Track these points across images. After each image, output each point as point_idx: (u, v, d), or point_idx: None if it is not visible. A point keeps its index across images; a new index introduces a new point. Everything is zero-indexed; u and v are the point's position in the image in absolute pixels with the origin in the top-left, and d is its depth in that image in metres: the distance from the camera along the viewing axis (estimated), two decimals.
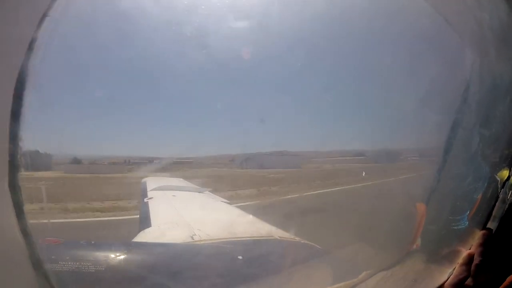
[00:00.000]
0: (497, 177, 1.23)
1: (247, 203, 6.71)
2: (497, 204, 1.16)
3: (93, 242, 1.90)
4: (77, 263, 1.57)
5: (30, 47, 0.68)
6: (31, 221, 0.75)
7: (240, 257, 1.98)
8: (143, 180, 5.14)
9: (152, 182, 4.77)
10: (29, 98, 0.70)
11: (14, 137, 0.70)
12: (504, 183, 1.18)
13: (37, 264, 0.76)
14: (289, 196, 8.23)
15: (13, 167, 0.70)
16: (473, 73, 1.34)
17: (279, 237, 2.42)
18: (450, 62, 1.54)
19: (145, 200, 3.58)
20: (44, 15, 0.68)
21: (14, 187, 0.70)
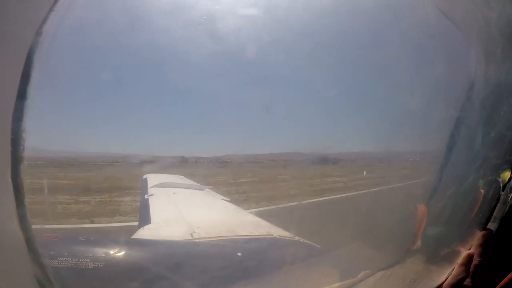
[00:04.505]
0: (499, 178, 1.22)
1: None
2: (498, 205, 1.15)
3: (92, 238, 1.90)
4: (76, 259, 1.57)
5: (36, 41, 0.68)
6: (33, 219, 0.75)
7: (239, 255, 1.98)
8: (144, 176, 5.15)
9: (153, 179, 4.77)
10: (34, 92, 0.70)
11: (16, 132, 0.70)
12: (505, 185, 1.17)
13: (35, 258, 0.76)
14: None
15: (16, 162, 0.70)
16: (477, 73, 1.33)
17: (278, 235, 2.42)
18: (454, 62, 1.53)
19: (146, 196, 3.58)
20: (50, 10, 0.68)
21: (16, 181, 0.70)
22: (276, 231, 2.52)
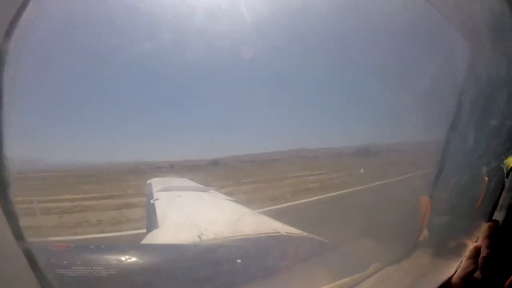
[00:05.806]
0: (502, 165, 1.21)
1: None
2: (503, 193, 1.15)
3: (102, 246, 1.92)
4: (88, 268, 1.59)
5: (3, 55, 0.65)
6: (29, 236, 0.74)
7: (247, 255, 2.00)
8: (149, 181, 5.17)
9: (157, 183, 4.80)
10: (7, 107, 0.68)
11: None
12: (509, 171, 1.17)
13: (37, 271, 0.75)
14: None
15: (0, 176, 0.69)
16: (471, 62, 1.32)
17: (286, 232, 2.43)
18: (447, 53, 1.52)
19: (151, 201, 3.60)
20: (13, 26, 0.65)
21: (3, 195, 0.69)
22: (283, 228, 2.54)
